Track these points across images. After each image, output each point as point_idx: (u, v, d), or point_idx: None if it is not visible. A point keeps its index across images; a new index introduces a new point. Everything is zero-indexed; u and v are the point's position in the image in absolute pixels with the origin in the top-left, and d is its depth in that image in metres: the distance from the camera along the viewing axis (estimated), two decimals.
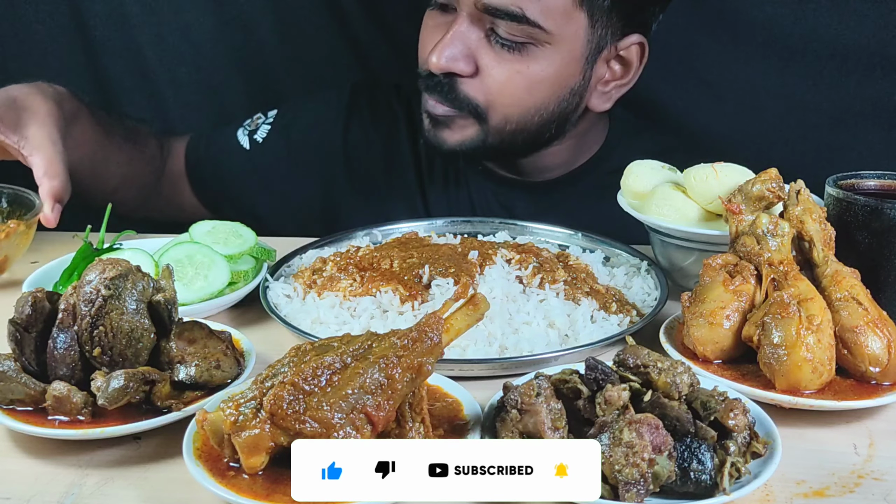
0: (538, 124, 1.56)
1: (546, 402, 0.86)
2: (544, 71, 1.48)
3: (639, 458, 0.80)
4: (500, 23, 1.43)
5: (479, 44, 1.47)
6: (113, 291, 0.98)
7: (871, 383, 1.03)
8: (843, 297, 1.06)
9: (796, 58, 1.85)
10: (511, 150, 1.60)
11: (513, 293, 1.22)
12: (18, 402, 0.97)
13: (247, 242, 1.35)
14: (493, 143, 1.56)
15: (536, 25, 1.43)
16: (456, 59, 1.46)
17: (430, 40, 1.52)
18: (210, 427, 0.85)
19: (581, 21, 1.47)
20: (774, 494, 0.89)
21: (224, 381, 1.01)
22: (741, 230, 1.16)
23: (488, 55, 1.47)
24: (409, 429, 0.90)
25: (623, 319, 1.22)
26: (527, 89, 1.50)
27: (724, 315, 1.07)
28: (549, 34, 1.44)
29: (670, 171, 1.38)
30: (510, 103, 1.51)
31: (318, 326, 1.19)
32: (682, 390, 0.87)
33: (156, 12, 2.04)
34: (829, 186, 1.20)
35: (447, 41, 1.46)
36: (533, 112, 1.53)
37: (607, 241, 1.48)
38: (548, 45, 1.46)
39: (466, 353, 1.12)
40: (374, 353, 0.88)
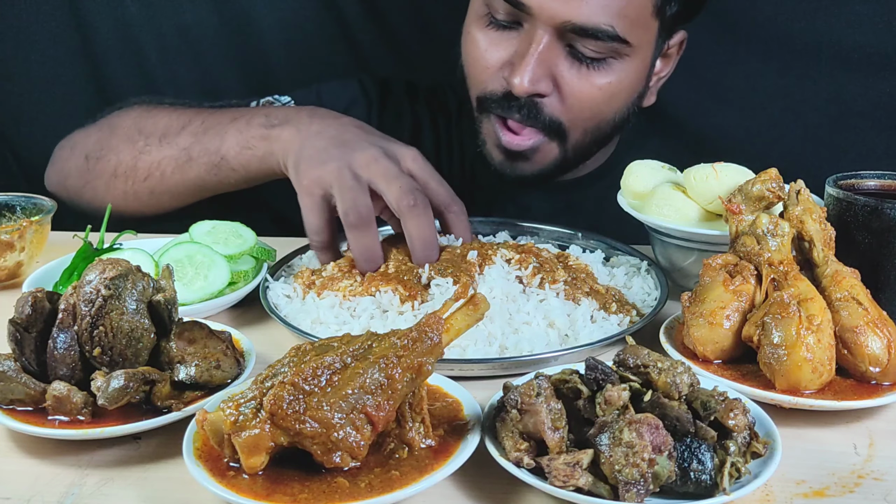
0: (611, 131, 1.56)
1: (546, 402, 0.86)
2: (622, 82, 1.47)
3: (639, 458, 0.80)
4: (583, 40, 1.40)
5: (559, 61, 1.43)
6: (113, 291, 0.98)
7: (871, 383, 1.03)
8: (843, 297, 1.06)
9: (796, 58, 1.85)
10: (586, 158, 1.60)
11: (513, 293, 1.22)
12: (18, 402, 0.97)
13: (247, 242, 1.35)
14: (571, 159, 1.55)
15: (623, 41, 1.41)
16: (539, 80, 1.42)
17: (492, 59, 1.47)
18: (210, 427, 0.85)
19: (654, 29, 1.47)
20: (774, 494, 0.89)
21: (224, 381, 1.01)
22: (741, 230, 1.16)
23: (569, 72, 1.44)
24: (409, 429, 0.90)
25: (623, 319, 1.22)
26: (606, 102, 1.48)
27: (724, 315, 1.07)
28: (630, 47, 1.43)
29: (670, 171, 1.38)
30: (590, 117, 1.50)
31: (318, 326, 1.19)
32: (682, 390, 0.87)
33: (156, 12, 2.04)
34: (829, 186, 1.20)
35: (530, 63, 1.40)
36: (609, 121, 1.53)
37: (607, 240, 1.48)
38: (626, 57, 1.45)
39: (466, 353, 1.12)
40: (374, 353, 0.88)
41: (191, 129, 1.49)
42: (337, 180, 1.23)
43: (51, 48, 2.07)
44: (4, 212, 1.49)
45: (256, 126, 1.41)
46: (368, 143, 1.29)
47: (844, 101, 1.84)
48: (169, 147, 1.50)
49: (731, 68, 1.90)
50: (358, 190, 1.23)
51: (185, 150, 1.48)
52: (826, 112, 1.86)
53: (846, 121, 1.86)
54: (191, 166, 1.47)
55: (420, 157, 1.30)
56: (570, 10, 1.37)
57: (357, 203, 1.22)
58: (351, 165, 1.24)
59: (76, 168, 1.61)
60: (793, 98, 1.88)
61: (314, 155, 1.28)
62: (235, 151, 1.42)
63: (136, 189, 1.54)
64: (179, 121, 1.51)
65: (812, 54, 1.83)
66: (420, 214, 1.23)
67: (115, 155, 1.55)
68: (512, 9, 1.41)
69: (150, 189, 1.53)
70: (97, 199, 1.60)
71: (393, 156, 1.28)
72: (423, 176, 1.29)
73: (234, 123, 1.44)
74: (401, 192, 1.22)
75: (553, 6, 1.37)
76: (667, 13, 1.47)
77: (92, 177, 1.59)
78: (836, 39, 1.81)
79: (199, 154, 1.46)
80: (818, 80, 1.85)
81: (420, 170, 1.29)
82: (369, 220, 1.23)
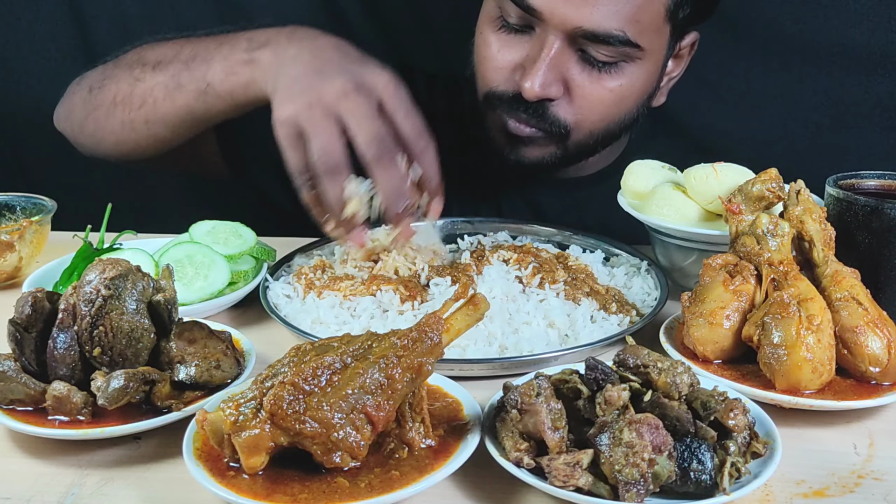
0: (619, 131, 1.56)
1: (546, 402, 0.86)
2: (634, 85, 1.47)
3: (639, 458, 0.80)
4: (595, 45, 1.40)
5: (571, 66, 1.43)
6: (113, 291, 0.98)
7: (871, 383, 1.03)
8: (843, 297, 1.06)
9: (796, 58, 1.85)
10: (590, 156, 1.61)
11: (513, 293, 1.22)
12: (18, 402, 0.97)
13: (247, 242, 1.35)
14: (573, 154, 1.55)
15: (635, 45, 1.41)
16: (550, 84, 1.42)
17: (503, 60, 1.47)
18: (210, 427, 0.85)
19: (666, 33, 1.47)
20: (774, 494, 0.89)
21: (224, 381, 1.01)
22: (741, 230, 1.16)
23: (580, 76, 1.44)
24: (409, 429, 0.90)
25: (623, 319, 1.22)
26: (616, 105, 1.49)
27: (724, 315, 1.07)
28: (643, 51, 1.43)
29: (670, 171, 1.38)
30: (598, 119, 1.50)
31: (318, 326, 1.19)
32: (682, 390, 0.87)
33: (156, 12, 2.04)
34: (829, 186, 1.20)
35: (541, 68, 1.40)
36: (618, 122, 1.53)
37: (607, 240, 1.48)
38: (638, 60, 1.45)
39: (466, 353, 1.12)
40: (375, 353, 0.88)
41: (181, 57, 1.47)
42: (308, 120, 1.21)
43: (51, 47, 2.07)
44: (4, 212, 1.49)
45: (240, 50, 1.39)
46: (341, 70, 1.26)
47: (844, 101, 1.85)
48: (161, 74, 1.48)
49: (731, 68, 1.90)
50: (328, 132, 1.20)
51: (174, 77, 1.46)
52: (826, 112, 1.86)
53: (846, 121, 1.86)
54: (180, 93, 1.45)
55: (392, 85, 1.26)
56: (582, 16, 1.37)
57: (327, 149, 1.20)
58: (321, 99, 1.21)
59: (80, 100, 1.61)
60: (793, 98, 1.88)
61: (287, 86, 1.26)
62: (220, 78, 1.40)
63: (132, 118, 1.52)
64: (174, 49, 1.50)
65: (812, 54, 1.83)
66: (386, 166, 1.20)
67: (114, 84, 1.54)
68: (524, 13, 1.41)
69: (145, 117, 1.51)
70: (98, 129, 1.58)
71: (365, 85, 1.24)
72: (392, 106, 1.25)
73: (220, 49, 1.42)
74: (368, 139, 1.20)
75: (564, 12, 1.37)
76: (679, 16, 1.46)
77: (94, 107, 1.58)
78: (836, 39, 1.81)
79: (187, 81, 1.44)
80: (818, 80, 1.85)
81: (390, 98, 1.25)
82: (340, 166, 1.20)
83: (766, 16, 1.84)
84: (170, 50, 1.50)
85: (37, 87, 2.09)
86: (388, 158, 1.20)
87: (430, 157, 1.26)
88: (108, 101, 1.54)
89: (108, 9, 2.03)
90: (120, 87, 1.53)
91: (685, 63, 1.62)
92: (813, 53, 1.83)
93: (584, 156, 1.59)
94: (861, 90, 1.83)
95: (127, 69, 1.54)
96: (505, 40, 1.48)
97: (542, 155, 1.54)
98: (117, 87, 1.53)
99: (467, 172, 1.37)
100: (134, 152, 1.58)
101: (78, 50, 2.07)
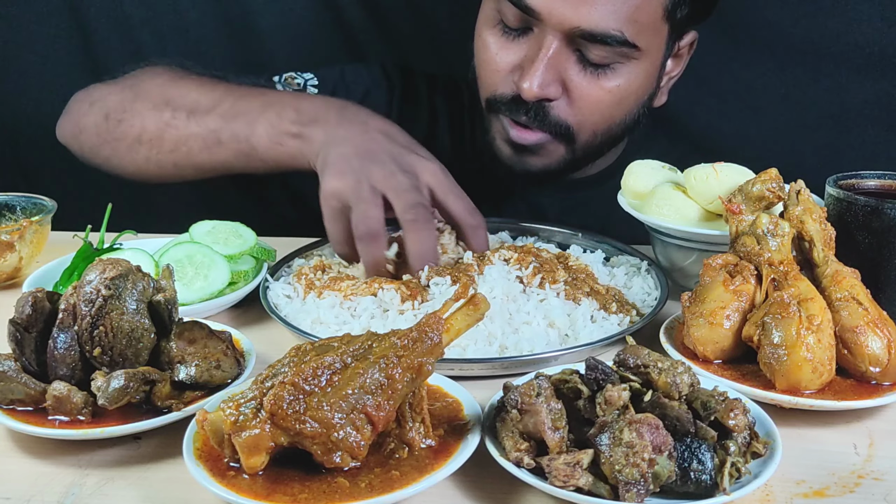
0: (621, 132, 1.57)
1: (546, 402, 0.86)
2: (632, 85, 1.48)
3: (639, 458, 0.80)
4: (592, 45, 1.40)
5: (568, 66, 1.43)
6: (113, 291, 0.98)
7: (871, 383, 1.03)
8: (843, 297, 1.06)
9: (796, 58, 1.85)
10: (596, 158, 1.61)
11: (513, 293, 1.22)
12: (18, 402, 0.97)
13: (247, 242, 1.35)
14: (579, 158, 1.56)
15: (633, 46, 1.41)
16: (548, 84, 1.42)
17: (502, 62, 1.48)
18: (210, 427, 0.85)
19: (664, 32, 1.48)
20: (774, 494, 0.89)
21: (224, 381, 1.01)
22: (741, 230, 1.16)
23: (578, 76, 1.44)
24: (409, 429, 0.90)
25: (623, 319, 1.22)
26: (616, 105, 1.49)
27: (724, 315, 1.07)
28: (640, 51, 1.43)
29: (670, 171, 1.38)
30: (600, 120, 1.50)
31: (318, 326, 1.19)
32: (682, 390, 0.87)
33: (156, 12, 2.04)
34: (829, 186, 1.20)
35: (539, 68, 1.41)
36: (619, 122, 1.53)
37: (607, 240, 1.48)
38: (636, 60, 1.45)
39: (466, 352, 1.12)
40: (375, 353, 0.88)
41: (220, 112, 1.48)
42: (354, 193, 1.25)
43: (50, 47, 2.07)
44: (4, 212, 1.49)
45: (287, 122, 1.40)
46: (389, 156, 1.30)
47: (844, 101, 1.85)
48: (197, 125, 1.49)
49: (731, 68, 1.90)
50: (371, 203, 1.24)
51: (213, 132, 1.47)
52: (826, 112, 1.86)
53: (846, 121, 1.86)
54: (220, 149, 1.47)
55: (440, 172, 1.31)
56: (579, 16, 1.37)
57: (367, 215, 1.24)
58: (370, 179, 1.26)
59: (94, 125, 1.60)
60: (793, 98, 1.88)
61: (337, 163, 1.29)
62: (266, 145, 1.42)
63: (159, 158, 1.53)
64: (208, 98, 1.50)
65: (812, 54, 1.83)
66: (419, 229, 1.25)
67: (139, 121, 1.54)
68: (522, 14, 1.41)
69: (175, 161, 1.53)
70: (116, 159, 1.59)
71: (411, 170, 1.29)
72: (442, 189, 1.30)
73: (265, 114, 1.43)
74: (405, 205, 1.24)
75: (562, 12, 1.37)
76: (677, 16, 1.47)
77: (112, 137, 1.58)
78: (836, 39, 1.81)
79: (228, 139, 1.46)
80: (818, 80, 1.85)
81: (439, 184, 1.30)
82: (378, 233, 1.24)
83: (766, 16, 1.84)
84: (203, 97, 1.51)
85: (37, 87, 2.10)
86: (422, 223, 1.25)
87: (482, 237, 1.33)
88: (132, 138, 1.55)
89: (109, 8, 2.03)
90: (146, 127, 1.53)
91: (685, 62, 1.62)
92: (813, 53, 1.83)
93: (591, 158, 1.60)
94: (861, 90, 1.83)
95: (153, 108, 1.54)
96: (503, 42, 1.48)
97: (550, 162, 1.55)
98: (142, 126, 1.54)
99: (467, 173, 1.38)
100: (152, 182, 1.60)
101: (78, 49, 2.07)
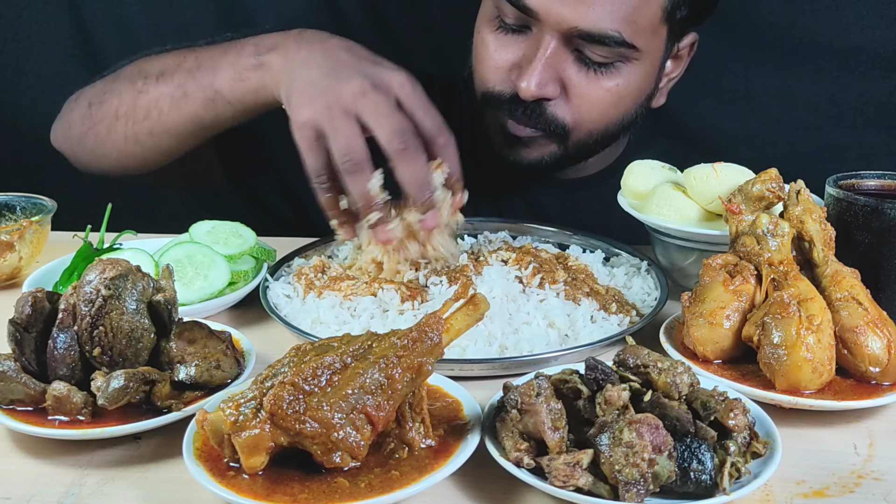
0: (618, 132, 1.56)
1: (546, 402, 0.86)
2: (630, 85, 1.47)
3: (639, 458, 0.80)
4: (590, 45, 1.40)
5: (567, 66, 1.43)
6: (113, 291, 0.98)
7: (871, 383, 1.03)
8: (843, 297, 1.06)
9: (796, 58, 1.85)
10: (589, 157, 1.61)
11: (513, 293, 1.22)
12: (18, 402, 0.97)
13: (247, 242, 1.35)
14: (572, 155, 1.55)
15: (631, 46, 1.41)
16: (546, 84, 1.42)
17: (500, 60, 1.48)
18: (210, 427, 0.85)
19: (663, 33, 1.47)
20: (774, 494, 0.89)
21: (224, 381, 1.01)
22: (741, 230, 1.16)
23: (577, 76, 1.44)
24: (409, 429, 0.90)
25: (623, 319, 1.22)
26: (614, 105, 1.49)
27: (724, 315, 1.07)
28: (638, 51, 1.43)
29: (670, 171, 1.38)
30: (597, 120, 1.50)
31: (318, 326, 1.19)
32: (682, 390, 0.87)
33: (156, 12, 2.04)
34: (829, 186, 1.20)
35: (537, 68, 1.41)
36: (616, 122, 1.53)
37: (607, 241, 1.48)
38: (634, 61, 1.45)
39: (466, 353, 1.12)
40: (375, 353, 0.88)
41: (186, 66, 1.46)
42: (328, 120, 1.21)
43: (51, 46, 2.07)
44: (4, 212, 1.49)
45: (247, 56, 1.38)
46: (357, 71, 1.26)
47: (844, 101, 1.85)
48: (165, 84, 1.48)
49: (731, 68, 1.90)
50: (349, 131, 1.20)
51: (179, 86, 1.45)
52: (826, 112, 1.86)
53: (846, 121, 1.86)
54: (186, 102, 1.45)
55: (408, 83, 1.27)
56: (578, 16, 1.37)
57: (350, 147, 1.20)
58: (340, 100, 1.22)
59: (79, 116, 1.60)
60: (793, 98, 1.88)
61: (303, 89, 1.26)
62: (229, 84, 1.39)
63: (135, 130, 1.52)
64: (176, 59, 1.49)
65: (812, 54, 1.83)
66: (411, 158, 1.21)
67: (116, 97, 1.54)
68: (520, 13, 1.41)
69: (149, 129, 1.50)
70: (99, 146, 1.58)
71: (382, 84, 1.24)
72: (410, 104, 1.25)
73: (226, 56, 1.41)
74: (391, 133, 1.20)
75: (560, 12, 1.37)
76: (676, 17, 1.46)
77: (94, 122, 1.57)
78: (836, 39, 1.81)
79: (194, 90, 1.44)
80: (818, 80, 1.85)
81: (408, 97, 1.26)
82: (364, 163, 1.21)
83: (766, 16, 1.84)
84: (172, 60, 1.50)
85: (37, 87, 2.10)
86: (412, 150, 1.21)
87: (451, 151, 1.27)
88: (110, 115, 1.54)
89: (109, 8, 2.03)
90: (122, 101, 1.52)
91: (685, 64, 1.62)
92: (813, 53, 1.83)
93: (584, 157, 1.59)
94: (861, 90, 1.83)
95: (128, 82, 1.53)
96: (502, 40, 1.48)
97: (542, 155, 1.54)
98: (119, 101, 1.53)
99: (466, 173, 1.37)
100: (137, 166, 1.57)
101: (78, 49, 2.07)
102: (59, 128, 1.67)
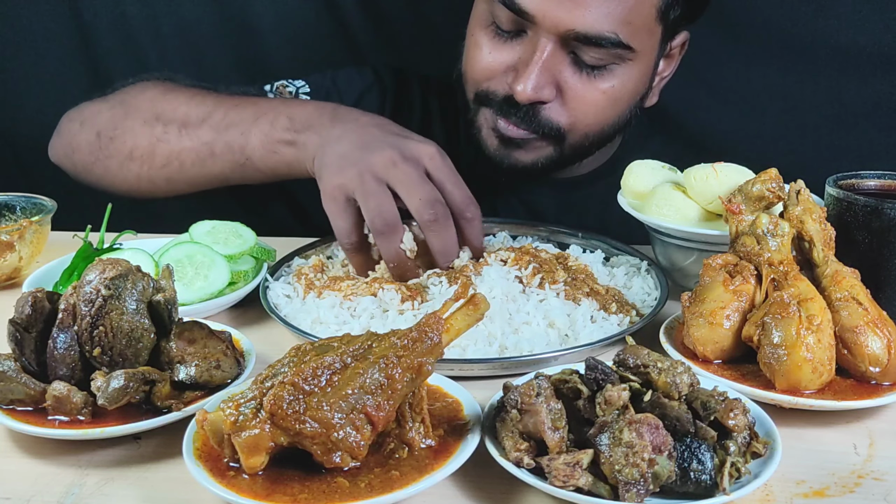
0: (613, 132, 1.57)
1: (546, 402, 0.86)
2: (626, 86, 1.48)
3: (639, 458, 0.80)
4: (587, 48, 1.40)
5: (563, 68, 1.43)
6: (113, 291, 0.98)
7: (871, 383, 1.03)
8: (843, 297, 1.06)
9: (796, 58, 1.85)
10: (584, 158, 1.61)
11: (513, 293, 1.22)
12: (18, 402, 0.97)
13: (247, 242, 1.35)
14: (568, 156, 1.55)
15: (627, 47, 1.41)
16: (542, 87, 1.42)
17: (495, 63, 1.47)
18: (210, 427, 0.85)
19: (658, 33, 1.48)
20: (774, 494, 0.89)
21: (224, 381, 1.01)
22: (741, 230, 1.16)
23: (573, 79, 1.44)
24: (409, 429, 0.90)
25: (623, 319, 1.22)
26: (610, 107, 1.49)
27: (724, 315, 1.07)
28: (634, 52, 1.43)
29: (670, 171, 1.38)
30: (593, 122, 1.50)
31: (318, 326, 1.19)
32: (682, 390, 0.87)
33: (156, 12, 2.04)
34: (829, 186, 1.20)
35: (533, 71, 1.40)
36: (612, 123, 1.53)
37: (607, 241, 1.48)
38: (629, 62, 1.45)
39: (466, 353, 1.12)
40: (375, 353, 0.88)
41: (212, 123, 1.47)
42: (359, 185, 1.24)
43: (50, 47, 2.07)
44: (4, 212, 1.49)
45: (281, 129, 1.40)
46: (387, 143, 1.29)
47: (844, 101, 1.85)
48: (189, 139, 1.48)
49: (731, 68, 1.90)
50: (381, 195, 1.24)
51: (206, 145, 1.46)
52: (826, 112, 1.86)
53: (846, 121, 1.86)
54: (213, 161, 1.46)
55: (438, 155, 1.30)
56: (574, 19, 1.37)
57: (382, 209, 1.23)
58: (371, 169, 1.25)
59: (87, 144, 1.60)
60: (793, 98, 1.88)
61: (335, 161, 1.29)
62: (261, 154, 1.42)
63: (151, 174, 1.53)
64: (199, 110, 1.49)
65: (812, 54, 1.83)
66: (441, 228, 1.25)
67: (130, 137, 1.54)
68: (515, 17, 1.41)
69: (168, 177, 1.52)
70: (108, 177, 1.59)
71: (412, 156, 1.28)
72: (440, 177, 1.29)
73: (258, 123, 1.43)
74: (421, 203, 1.24)
75: (556, 15, 1.37)
76: (670, 17, 1.47)
77: (104, 155, 1.57)
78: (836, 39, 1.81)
79: (221, 151, 1.45)
80: (818, 80, 1.85)
81: (437, 170, 1.29)
82: (396, 225, 1.24)
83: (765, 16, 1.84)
84: (195, 110, 1.49)
85: (36, 88, 2.10)
86: (443, 222, 1.25)
87: (477, 225, 1.32)
88: (124, 154, 1.55)
89: (108, 8, 2.03)
90: (137, 143, 1.53)
91: (676, 62, 1.62)
92: (812, 53, 1.83)
93: (579, 158, 1.59)
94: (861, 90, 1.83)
95: (143, 124, 1.53)
96: (496, 43, 1.48)
97: (537, 157, 1.54)
98: (134, 143, 1.53)
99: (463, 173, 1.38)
100: (146, 197, 1.59)
101: (78, 49, 2.07)
102: (60, 146, 1.67)
